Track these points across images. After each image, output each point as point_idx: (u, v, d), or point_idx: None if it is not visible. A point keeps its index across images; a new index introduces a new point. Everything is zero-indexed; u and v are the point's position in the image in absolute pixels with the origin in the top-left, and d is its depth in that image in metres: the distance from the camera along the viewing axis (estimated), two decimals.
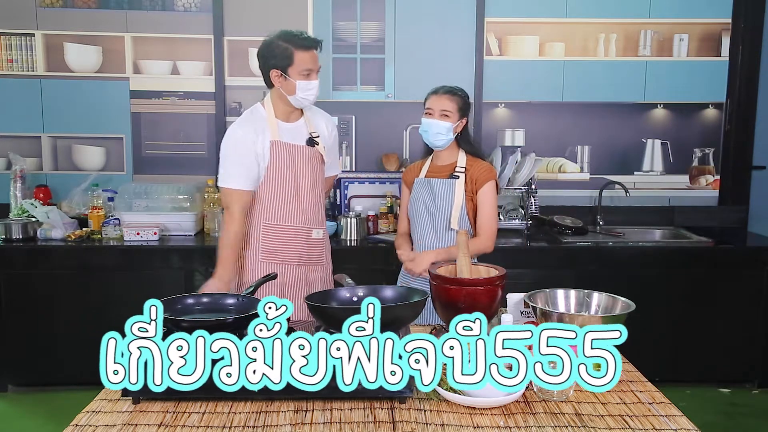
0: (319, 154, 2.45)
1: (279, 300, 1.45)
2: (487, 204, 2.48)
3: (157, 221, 3.52)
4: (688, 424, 1.49)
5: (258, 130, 2.36)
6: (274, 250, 2.44)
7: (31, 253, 3.42)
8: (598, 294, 2.00)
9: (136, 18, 3.85)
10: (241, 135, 2.35)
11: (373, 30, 3.92)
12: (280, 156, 2.38)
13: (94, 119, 3.91)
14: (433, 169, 2.56)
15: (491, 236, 2.48)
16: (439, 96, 2.45)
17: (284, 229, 2.44)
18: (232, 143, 2.36)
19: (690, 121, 4.02)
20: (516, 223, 3.76)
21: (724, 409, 3.38)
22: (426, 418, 1.50)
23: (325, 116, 2.57)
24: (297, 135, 2.42)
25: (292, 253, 2.45)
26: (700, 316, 3.50)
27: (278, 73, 2.32)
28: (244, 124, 2.38)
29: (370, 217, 3.67)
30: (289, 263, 2.46)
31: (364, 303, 1.44)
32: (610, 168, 4.05)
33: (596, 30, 3.94)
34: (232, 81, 3.91)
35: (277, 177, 2.39)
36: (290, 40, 2.30)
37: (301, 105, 2.40)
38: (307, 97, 2.35)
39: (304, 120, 2.46)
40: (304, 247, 2.47)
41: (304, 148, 2.42)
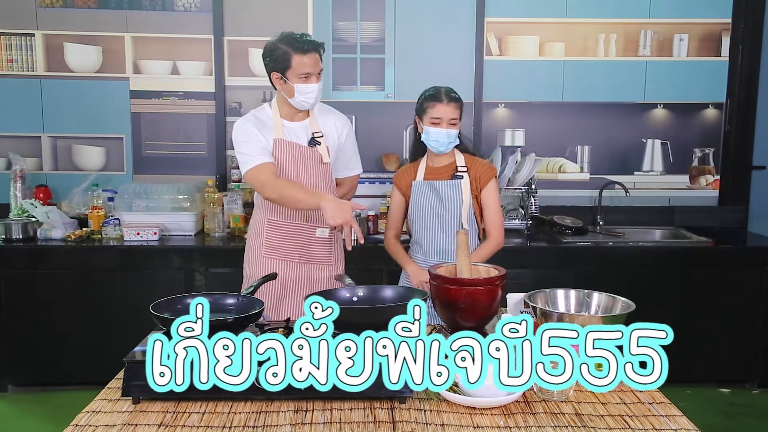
0: (319, 154, 2.45)
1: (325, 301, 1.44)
2: (492, 201, 2.51)
3: (157, 221, 3.52)
4: (688, 424, 1.49)
5: (262, 127, 2.40)
6: (277, 246, 2.46)
7: (31, 253, 3.42)
8: (598, 294, 2.00)
9: (136, 18, 3.85)
10: (248, 126, 2.40)
11: (373, 30, 3.92)
12: (284, 153, 2.40)
13: (94, 119, 3.91)
14: (431, 172, 2.54)
15: (501, 232, 2.52)
16: (446, 104, 2.42)
17: (287, 226, 2.46)
18: (240, 132, 2.40)
19: (690, 121, 4.02)
20: (516, 223, 3.76)
21: (724, 409, 3.38)
22: (426, 418, 1.50)
23: (337, 117, 2.55)
24: (300, 134, 2.44)
25: (294, 251, 2.47)
26: (700, 316, 3.50)
27: (278, 75, 2.35)
28: (250, 119, 2.44)
29: (370, 217, 3.67)
30: (292, 260, 2.47)
31: (411, 304, 1.44)
32: (610, 168, 4.05)
33: (596, 30, 3.94)
34: (232, 81, 3.91)
35: (281, 174, 2.40)
36: (290, 44, 2.30)
37: (302, 107, 2.41)
38: (305, 100, 2.36)
39: (310, 120, 2.47)
40: (307, 245, 2.48)
41: (305, 147, 2.43)
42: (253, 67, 3.89)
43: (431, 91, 2.48)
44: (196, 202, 3.65)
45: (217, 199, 3.67)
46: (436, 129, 2.43)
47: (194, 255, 3.42)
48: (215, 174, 3.92)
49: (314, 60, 2.32)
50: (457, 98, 2.46)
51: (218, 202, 3.67)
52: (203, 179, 3.84)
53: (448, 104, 2.42)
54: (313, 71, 2.33)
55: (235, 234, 3.59)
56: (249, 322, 1.76)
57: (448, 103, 2.43)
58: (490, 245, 2.50)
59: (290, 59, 2.30)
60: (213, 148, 3.94)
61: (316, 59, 2.33)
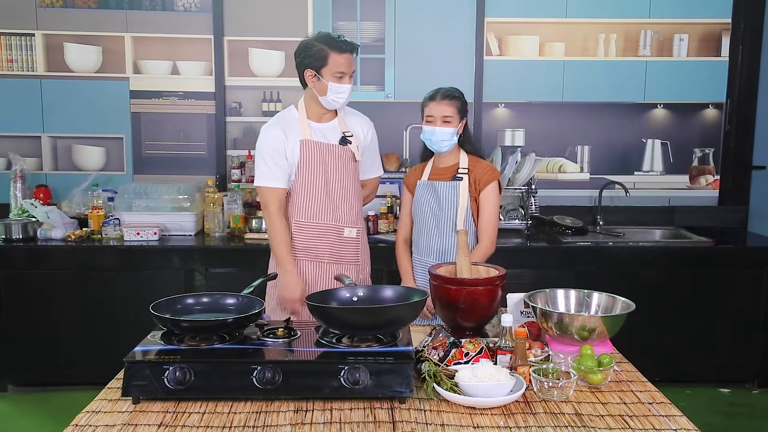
0: (351, 152, 2.45)
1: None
2: (489, 206, 2.48)
3: (157, 221, 3.52)
4: (688, 424, 1.49)
5: (288, 130, 2.40)
6: (306, 247, 2.45)
7: (31, 253, 3.41)
8: (598, 294, 2.00)
9: (136, 18, 3.85)
10: (272, 136, 2.40)
11: (373, 30, 3.92)
12: (311, 154, 2.40)
13: (94, 119, 3.91)
14: (435, 172, 2.55)
15: (492, 239, 2.49)
16: (438, 102, 2.44)
17: (315, 226, 2.45)
18: (263, 144, 2.41)
19: (690, 121, 4.02)
20: (516, 223, 3.76)
21: (724, 409, 3.38)
22: (426, 418, 1.50)
23: (361, 118, 2.57)
24: (329, 134, 2.44)
25: (322, 251, 2.46)
26: (700, 316, 3.50)
27: (312, 73, 2.35)
28: (275, 125, 2.43)
29: (370, 217, 3.67)
30: (321, 261, 2.46)
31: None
32: (610, 168, 4.05)
33: (596, 30, 3.94)
34: (232, 81, 3.91)
35: (308, 175, 2.41)
36: (327, 42, 2.31)
37: (332, 106, 2.41)
38: (337, 99, 2.36)
39: (338, 121, 2.47)
40: (335, 245, 2.47)
41: (336, 146, 2.43)
42: (253, 67, 3.90)
43: (431, 92, 2.50)
44: (196, 202, 3.65)
45: (217, 199, 3.67)
46: (429, 127, 2.45)
47: (194, 255, 3.42)
48: (215, 174, 3.92)
49: (350, 60, 2.34)
50: (453, 96, 2.46)
51: (218, 202, 3.67)
52: (203, 179, 3.84)
53: (440, 102, 2.44)
54: (348, 71, 2.34)
55: (235, 234, 3.59)
56: (249, 322, 1.76)
57: (441, 101, 2.44)
58: (478, 254, 2.43)
59: (327, 57, 2.31)
60: (213, 148, 3.94)
61: (351, 60, 2.35)
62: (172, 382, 1.55)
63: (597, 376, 1.68)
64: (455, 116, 2.44)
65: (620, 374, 1.80)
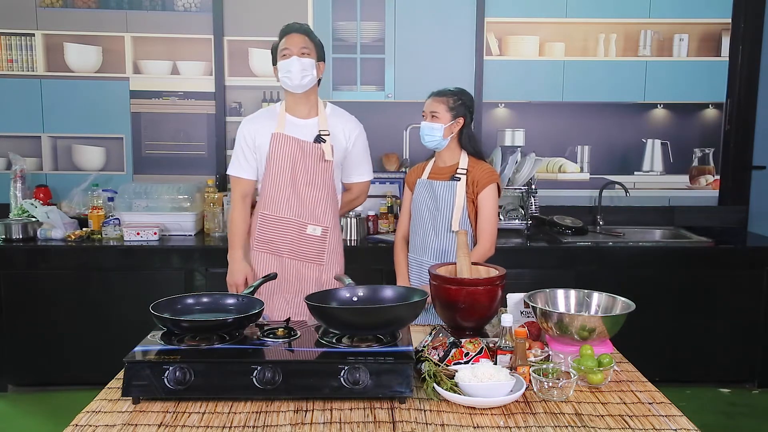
0: (321, 150, 2.44)
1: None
2: (487, 207, 2.47)
3: (157, 221, 3.52)
4: (688, 424, 1.49)
5: (265, 124, 2.47)
6: (269, 240, 2.49)
7: (31, 253, 3.41)
8: (598, 294, 2.00)
9: (136, 18, 3.85)
10: (246, 129, 2.50)
11: (373, 30, 3.92)
12: (280, 148, 2.43)
13: (94, 119, 3.91)
14: (435, 171, 2.56)
15: (491, 240, 2.48)
16: (432, 99, 2.51)
17: (277, 220, 2.47)
18: (238, 135, 2.53)
19: (690, 121, 4.02)
20: (516, 223, 3.76)
21: (724, 409, 3.38)
22: (426, 418, 1.50)
23: (348, 121, 2.56)
24: (306, 131, 2.46)
25: (282, 246, 2.48)
26: (700, 316, 3.50)
27: (275, 68, 2.45)
28: (254, 118, 2.54)
29: (370, 217, 3.67)
30: (281, 255, 2.48)
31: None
32: (610, 168, 4.05)
33: (596, 30, 3.94)
34: (232, 81, 3.91)
35: (275, 168, 2.44)
36: (280, 35, 2.44)
37: (288, 87, 2.42)
38: (286, 76, 2.40)
39: (318, 119, 2.48)
40: (295, 241, 2.48)
41: (308, 143, 2.44)
42: (253, 67, 3.90)
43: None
44: (196, 202, 3.65)
45: (217, 199, 3.67)
46: (422, 122, 2.51)
47: (194, 255, 3.42)
48: (215, 174, 3.92)
49: (295, 39, 2.40)
50: (442, 93, 2.50)
51: (218, 202, 3.67)
52: (203, 179, 3.84)
53: (433, 99, 2.50)
54: (292, 48, 2.38)
55: None
56: (249, 322, 1.76)
57: (433, 98, 2.51)
58: (476, 253, 2.43)
59: (278, 47, 2.43)
60: (213, 148, 3.94)
61: (297, 39, 2.40)
62: (172, 382, 1.55)
63: (597, 376, 1.68)
64: (443, 113, 2.46)
65: (620, 374, 1.80)
